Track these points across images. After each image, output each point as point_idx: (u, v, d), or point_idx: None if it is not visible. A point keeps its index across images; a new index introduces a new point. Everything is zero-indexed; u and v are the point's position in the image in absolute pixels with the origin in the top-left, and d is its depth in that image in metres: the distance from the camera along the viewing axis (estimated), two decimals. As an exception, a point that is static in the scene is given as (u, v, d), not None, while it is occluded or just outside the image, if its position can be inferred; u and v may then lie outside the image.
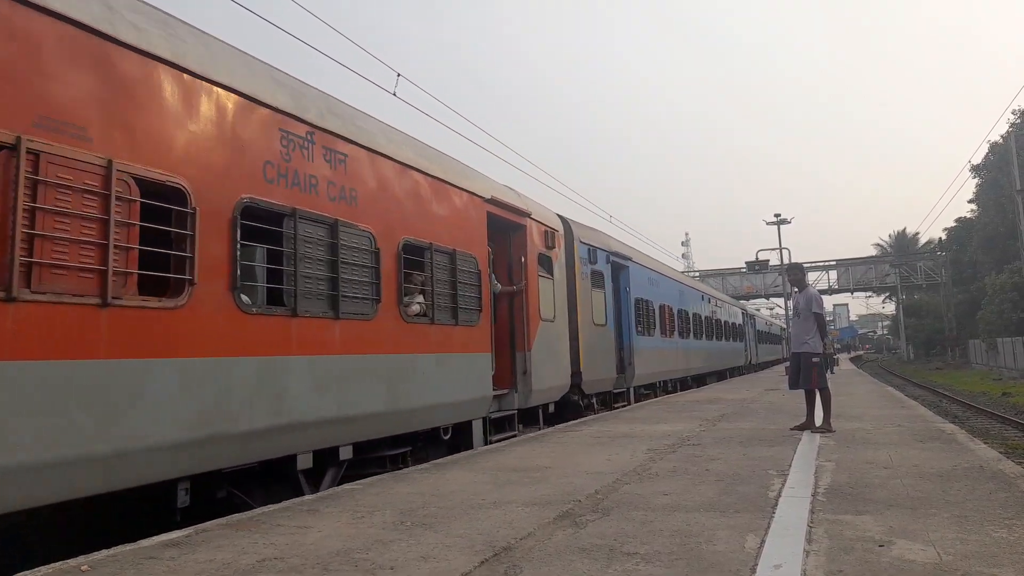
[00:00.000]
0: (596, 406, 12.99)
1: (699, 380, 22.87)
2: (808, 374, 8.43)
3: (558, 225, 11.55)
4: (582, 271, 12.21)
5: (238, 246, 5.11)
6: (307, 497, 5.37)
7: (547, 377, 10.25)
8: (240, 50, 5.69)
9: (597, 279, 13.11)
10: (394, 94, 10.37)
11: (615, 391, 14.20)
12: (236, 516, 4.73)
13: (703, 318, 23.31)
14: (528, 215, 10.18)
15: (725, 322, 27.99)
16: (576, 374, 11.60)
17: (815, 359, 8.41)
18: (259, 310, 5.32)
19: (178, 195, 4.70)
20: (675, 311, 19.24)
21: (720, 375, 27.14)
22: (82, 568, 3.49)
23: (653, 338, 16.67)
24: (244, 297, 5.20)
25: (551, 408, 10.84)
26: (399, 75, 10.28)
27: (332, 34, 9.83)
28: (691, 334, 21.29)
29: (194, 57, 4.96)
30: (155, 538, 4.11)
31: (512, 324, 9.84)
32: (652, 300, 16.82)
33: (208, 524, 4.47)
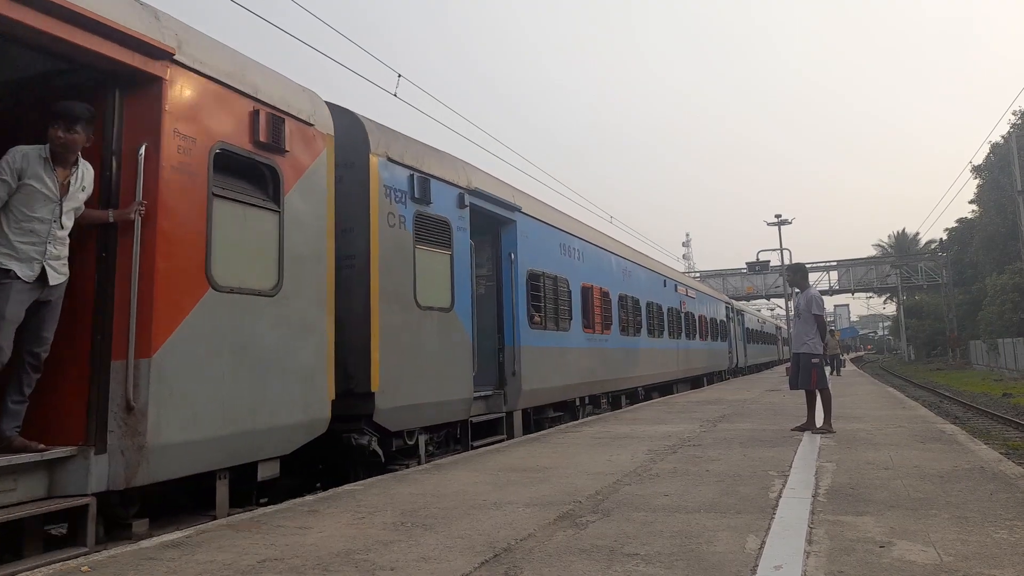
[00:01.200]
0: (422, 454, 7.31)
1: (664, 390, 18.43)
2: (808, 375, 8.46)
3: (304, 107, 5.84)
4: (392, 212, 7.04)
5: None
6: (308, 498, 5.36)
7: (224, 413, 4.77)
8: None
9: (435, 231, 7.73)
10: (395, 95, 10.40)
11: (478, 419, 8.47)
12: (237, 516, 4.73)
13: (666, 310, 18.33)
14: (169, 55, 4.56)
15: (702, 317, 23.01)
16: (362, 397, 6.39)
17: (815, 360, 8.45)
18: None
19: None
20: (613, 297, 13.99)
21: (695, 382, 22.08)
22: (83, 569, 3.49)
23: (567, 334, 11.27)
24: None
25: (270, 471, 5.28)
26: (400, 76, 10.32)
27: (335, 35, 9.87)
28: (643, 330, 15.94)
29: None
30: (155, 539, 4.11)
31: (102, 300, 4.37)
32: (567, 277, 11.56)
33: (209, 525, 4.47)
